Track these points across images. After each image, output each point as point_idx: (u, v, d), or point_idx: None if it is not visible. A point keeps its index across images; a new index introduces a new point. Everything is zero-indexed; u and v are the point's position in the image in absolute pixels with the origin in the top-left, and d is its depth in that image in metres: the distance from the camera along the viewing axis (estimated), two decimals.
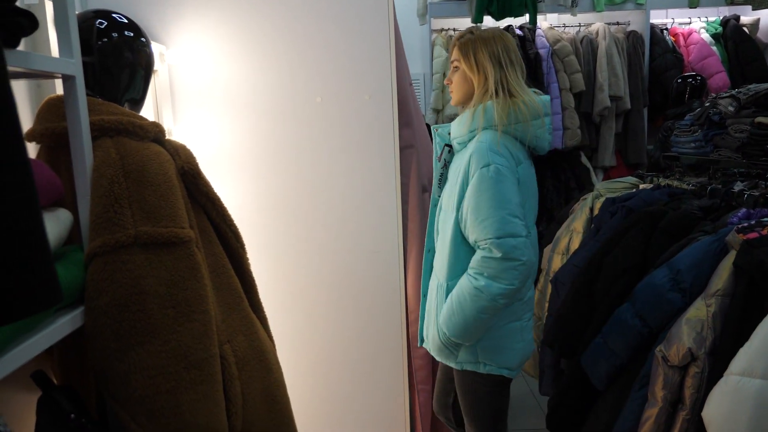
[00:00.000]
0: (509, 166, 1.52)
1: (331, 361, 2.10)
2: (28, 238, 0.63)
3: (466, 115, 1.59)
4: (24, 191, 0.62)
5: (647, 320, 1.68)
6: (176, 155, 1.18)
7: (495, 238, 1.46)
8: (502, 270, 1.46)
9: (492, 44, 1.57)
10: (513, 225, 1.47)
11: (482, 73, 1.56)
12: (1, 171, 0.60)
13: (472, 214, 1.50)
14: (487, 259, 1.47)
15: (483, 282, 1.47)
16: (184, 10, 1.93)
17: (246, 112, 1.98)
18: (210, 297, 1.10)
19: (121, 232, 1.01)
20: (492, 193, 1.47)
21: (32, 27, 0.84)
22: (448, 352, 1.64)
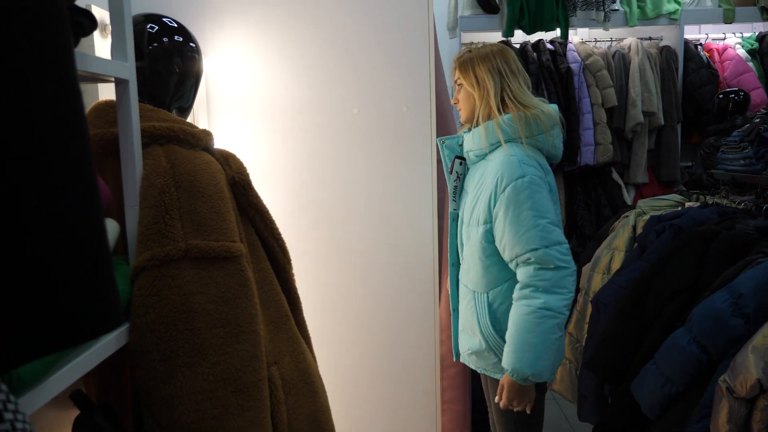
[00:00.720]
0: (541, 176, 1.51)
1: (362, 376, 2.03)
2: (95, 255, 0.57)
3: (479, 131, 1.57)
4: (91, 208, 0.56)
5: (706, 347, 1.58)
6: (226, 165, 1.13)
7: (543, 248, 1.44)
8: (558, 279, 1.44)
9: (490, 58, 1.57)
10: (556, 233, 1.46)
11: (483, 87, 1.56)
12: (70, 185, 0.54)
13: (512, 227, 1.46)
14: (540, 271, 1.44)
15: (544, 298, 1.42)
16: (222, 20, 1.90)
17: (282, 122, 1.94)
18: (259, 316, 1.04)
19: (170, 245, 0.95)
20: (530, 204, 1.45)
21: (92, 27, 0.79)
22: (497, 363, 1.58)
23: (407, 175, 1.98)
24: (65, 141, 0.53)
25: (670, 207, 2.30)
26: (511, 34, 3.60)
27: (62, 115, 0.52)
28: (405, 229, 1.99)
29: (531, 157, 1.52)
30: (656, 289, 1.87)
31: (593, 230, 3.78)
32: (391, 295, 2.01)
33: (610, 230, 2.46)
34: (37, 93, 0.49)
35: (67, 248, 0.53)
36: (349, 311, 2.01)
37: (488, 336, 1.57)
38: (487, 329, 1.57)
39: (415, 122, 1.97)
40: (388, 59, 1.94)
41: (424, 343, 2.04)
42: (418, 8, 1.92)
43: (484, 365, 1.64)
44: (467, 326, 1.65)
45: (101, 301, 0.56)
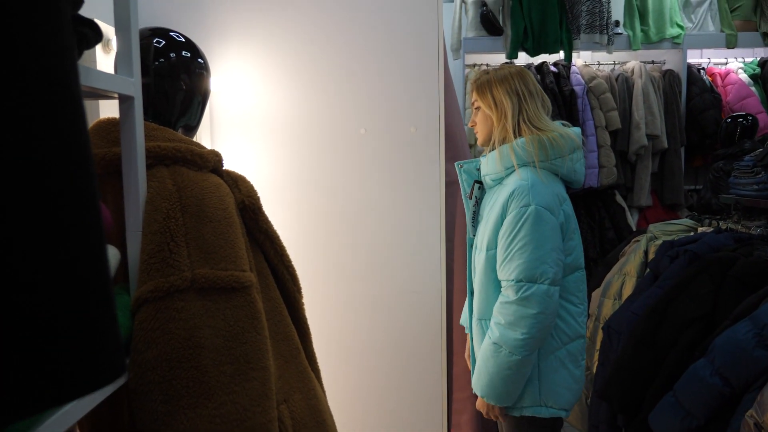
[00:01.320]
0: (551, 208, 1.45)
1: (368, 402, 1.95)
2: (95, 295, 0.50)
3: (494, 154, 1.54)
4: (93, 239, 0.49)
5: (729, 379, 1.52)
6: (236, 188, 1.06)
7: (515, 281, 1.41)
8: (518, 317, 1.40)
9: (508, 80, 1.54)
10: (543, 269, 1.41)
11: (501, 109, 1.53)
12: (69, 213, 0.48)
13: (502, 252, 1.44)
14: (503, 305, 1.43)
15: (498, 332, 1.42)
16: (227, 38, 1.86)
17: (287, 142, 1.89)
18: (270, 351, 0.97)
19: (176, 274, 0.89)
20: (525, 234, 1.41)
21: (96, 39, 0.73)
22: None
23: (415, 198, 1.92)
24: (66, 167, 0.46)
25: (682, 232, 2.25)
26: (515, 56, 3.58)
27: (63, 135, 0.46)
28: (413, 253, 1.93)
29: (545, 184, 1.47)
30: (672, 317, 1.81)
31: (597, 253, 3.72)
32: (398, 319, 1.95)
33: (620, 255, 2.41)
34: (35, 112, 0.43)
35: (66, 293, 0.46)
36: (356, 335, 1.94)
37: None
38: None
39: (423, 143, 1.93)
40: (397, 79, 1.89)
41: (430, 368, 1.97)
42: (427, 29, 1.88)
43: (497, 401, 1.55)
44: (481, 358, 1.58)
45: (102, 351, 0.49)
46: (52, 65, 0.47)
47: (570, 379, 1.56)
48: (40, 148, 0.44)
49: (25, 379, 0.43)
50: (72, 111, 0.48)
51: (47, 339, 0.46)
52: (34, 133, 0.44)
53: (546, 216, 1.43)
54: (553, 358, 1.53)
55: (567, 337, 1.55)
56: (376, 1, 1.87)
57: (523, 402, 1.52)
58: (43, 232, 0.44)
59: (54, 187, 0.45)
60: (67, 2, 0.49)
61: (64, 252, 0.47)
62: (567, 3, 3.62)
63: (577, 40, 3.63)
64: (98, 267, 0.51)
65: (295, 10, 1.86)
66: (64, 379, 0.47)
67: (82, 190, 0.48)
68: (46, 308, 0.45)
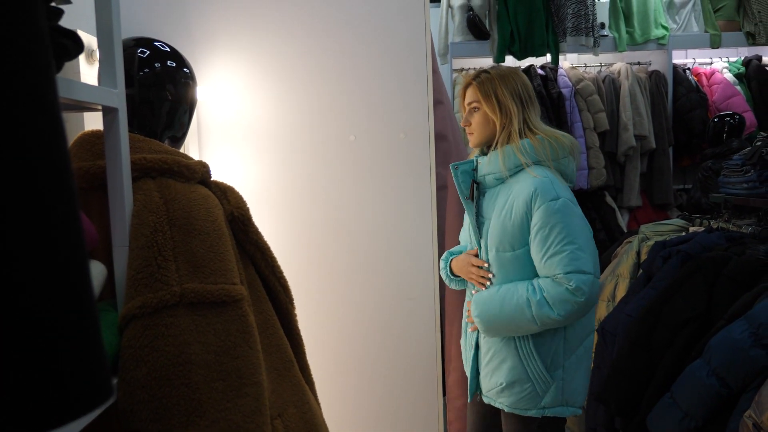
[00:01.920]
0: (573, 200, 1.50)
1: (364, 412, 1.93)
2: (79, 316, 0.48)
3: (497, 154, 1.53)
4: (75, 259, 0.47)
5: (726, 379, 1.51)
6: (224, 199, 1.04)
7: (563, 273, 1.40)
8: (563, 300, 1.40)
9: (512, 82, 1.54)
10: (582, 261, 1.42)
11: (506, 113, 1.52)
12: (49, 229, 0.45)
13: (541, 248, 1.44)
14: (554, 284, 1.42)
15: (537, 300, 1.41)
16: (214, 47, 1.84)
17: (276, 151, 1.87)
18: (262, 365, 0.94)
19: (164, 289, 0.86)
20: (561, 228, 1.42)
21: (77, 50, 0.71)
22: (534, 395, 1.49)
23: (407, 204, 1.91)
24: (44, 184, 0.44)
25: (673, 232, 2.26)
26: (502, 59, 3.59)
27: (41, 151, 0.44)
28: (406, 259, 1.92)
29: (560, 180, 1.51)
30: (667, 318, 1.81)
31: None
32: (391, 326, 1.93)
33: (612, 256, 2.41)
34: (11, 127, 0.41)
35: (46, 316, 0.44)
36: (350, 344, 1.91)
37: (528, 362, 1.50)
38: (529, 354, 1.49)
39: (413, 149, 1.91)
40: (385, 86, 1.88)
41: (426, 376, 1.95)
42: (414, 35, 1.88)
43: (516, 400, 1.52)
44: (498, 358, 1.54)
45: (87, 374, 0.47)
46: (29, 80, 0.45)
47: (586, 377, 1.57)
48: (16, 164, 0.42)
49: (6, 408, 0.41)
50: (50, 126, 0.46)
51: (28, 366, 0.44)
52: (9, 149, 0.42)
53: (574, 207, 1.47)
54: (575, 357, 1.52)
55: (584, 332, 1.55)
56: (363, 8, 1.86)
57: (545, 402, 1.50)
58: (19, 251, 0.42)
59: (31, 207, 0.43)
60: (44, 16, 0.47)
61: (42, 272, 0.45)
62: (552, 6, 3.63)
63: (563, 42, 3.65)
64: (80, 287, 0.49)
65: (281, 18, 1.85)
66: (47, 406, 0.45)
67: (61, 208, 0.46)
68: (25, 333, 0.43)
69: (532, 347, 1.48)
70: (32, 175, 0.44)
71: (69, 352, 0.46)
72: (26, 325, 0.43)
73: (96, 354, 0.49)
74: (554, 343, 1.49)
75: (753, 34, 3.77)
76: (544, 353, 1.49)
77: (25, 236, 0.43)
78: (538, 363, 1.48)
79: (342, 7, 1.86)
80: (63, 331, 0.46)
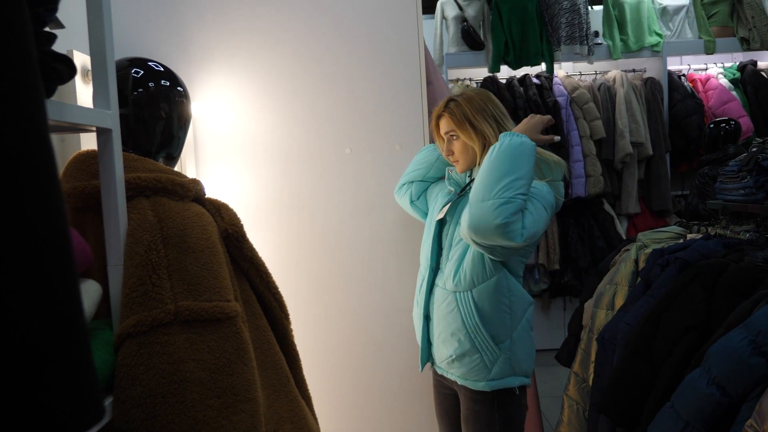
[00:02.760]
0: (555, 203, 1.55)
1: (361, 427, 1.91)
2: (68, 336, 0.48)
3: None
4: (65, 280, 0.48)
5: (726, 388, 1.50)
6: (218, 216, 1.05)
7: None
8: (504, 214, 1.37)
9: (481, 104, 1.55)
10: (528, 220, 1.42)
11: (482, 135, 1.54)
12: (38, 251, 0.46)
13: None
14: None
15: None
16: (210, 63, 1.85)
17: (273, 165, 1.88)
18: (257, 381, 0.94)
19: (159, 307, 0.86)
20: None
21: (70, 74, 0.72)
22: (482, 366, 1.52)
23: (402, 215, 1.91)
24: (35, 210, 0.44)
25: (671, 239, 2.26)
26: (497, 69, 3.62)
27: (30, 178, 0.44)
28: (403, 271, 1.91)
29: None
30: (666, 326, 1.81)
31: (588, 262, 3.73)
32: (389, 339, 1.92)
33: (611, 264, 2.41)
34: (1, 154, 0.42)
35: (36, 340, 0.44)
36: (346, 358, 1.91)
37: (475, 335, 1.52)
38: (475, 328, 1.51)
39: (408, 160, 1.92)
40: (379, 98, 1.89)
41: (424, 387, 1.94)
42: (407, 47, 1.89)
43: (466, 371, 1.55)
44: (447, 330, 1.57)
45: (79, 396, 0.47)
46: (18, 107, 0.45)
47: (532, 346, 1.61)
48: (4, 190, 0.42)
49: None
50: (39, 153, 0.47)
51: (18, 390, 0.44)
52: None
53: (548, 197, 1.49)
54: (521, 328, 1.56)
55: (525, 303, 1.58)
56: (356, 22, 1.88)
57: (494, 374, 1.52)
58: (7, 277, 0.42)
59: (20, 233, 0.43)
60: (34, 44, 0.47)
61: (32, 296, 0.46)
62: (546, 16, 3.66)
63: (557, 51, 3.68)
64: (70, 309, 0.50)
65: (275, 33, 1.86)
66: (38, 429, 0.45)
67: (50, 233, 0.46)
68: (14, 357, 0.43)
69: (477, 320, 1.49)
70: (22, 200, 0.44)
71: (58, 375, 0.46)
72: (14, 349, 0.44)
73: (86, 375, 0.49)
74: (500, 316, 1.52)
75: (747, 39, 3.80)
76: (490, 326, 1.51)
77: (14, 262, 0.44)
78: (485, 335, 1.50)
79: (335, 21, 1.87)
80: (52, 354, 0.46)
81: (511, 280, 1.55)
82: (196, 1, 1.85)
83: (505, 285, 1.53)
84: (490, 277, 1.51)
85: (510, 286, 1.54)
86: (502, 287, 1.52)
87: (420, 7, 1.91)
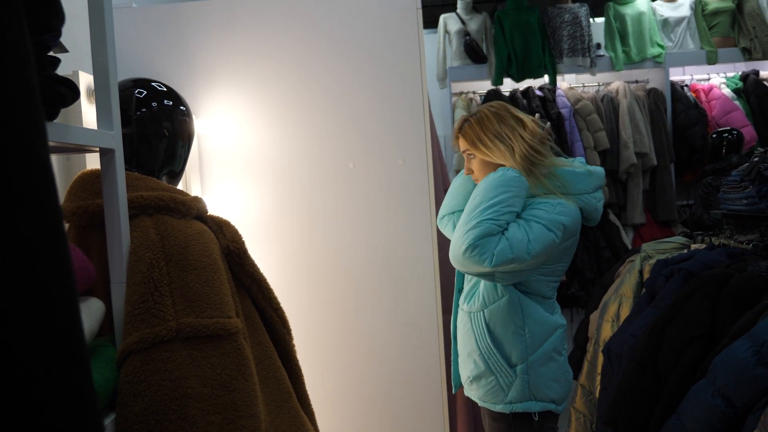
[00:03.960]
0: (570, 229, 1.49)
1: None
2: (67, 355, 0.49)
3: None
4: (65, 300, 0.49)
5: (731, 399, 1.49)
6: (220, 233, 1.06)
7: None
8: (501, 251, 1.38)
9: (492, 124, 1.55)
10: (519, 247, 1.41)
11: (499, 153, 1.54)
12: (39, 271, 0.47)
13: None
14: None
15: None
16: (214, 79, 1.88)
17: (277, 180, 1.90)
18: (259, 397, 0.95)
19: (160, 324, 0.88)
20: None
21: (73, 97, 0.74)
22: (498, 389, 1.51)
23: (407, 229, 1.92)
24: (34, 236, 0.46)
25: (675, 249, 2.25)
26: (500, 82, 3.64)
27: (30, 204, 0.46)
28: (407, 284, 1.92)
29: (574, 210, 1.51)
30: (671, 338, 1.80)
31: (594, 273, 3.71)
32: (393, 352, 1.92)
33: (615, 276, 2.40)
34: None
35: (33, 359, 0.45)
36: (351, 371, 1.91)
37: (489, 357, 1.51)
38: (488, 350, 1.51)
39: (412, 174, 1.93)
40: (382, 112, 1.91)
41: (431, 405, 1.94)
42: (409, 61, 1.91)
43: (483, 393, 1.55)
44: (465, 351, 1.59)
45: (79, 416, 0.48)
46: (18, 133, 0.47)
47: (559, 372, 1.57)
48: (4, 217, 0.44)
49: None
50: (40, 178, 0.48)
51: (18, 408, 0.45)
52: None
53: (559, 216, 1.45)
54: (541, 352, 1.53)
55: (547, 328, 1.55)
56: (357, 39, 1.90)
57: (511, 397, 1.51)
58: (7, 302, 0.43)
59: (20, 260, 0.44)
60: (35, 70, 0.49)
61: (33, 316, 0.47)
62: (548, 29, 3.69)
63: (560, 63, 3.69)
64: (70, 326, 0.51)
65: (278, 50, 1.89)
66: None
67: (52, 257, 0.47)
68: (14, 375, 0.44)
69: (489, 341, 1.49)
70: (21, 227, 0.46)
71: (56, 393, 0.47)
72: (12, 368, 0.45)
73: (85, 394, 0.50)
74: (514, 338, 1.50)
75: (749, 49, 3.80)
76: (503, 348, 1.50)
77: (14, 287, 0.45)
78: (497, 357, 1.49)
79: (336, 38, 1.90)
80: (50, 373, 0.47)
81: (526, 301, 1.52)
82: (200, 22, 1.88)
83: (517, 306, 1.50)
84: (501, 297, 1.50)
85: (524, 307, 1.51)
86: (515, 308, 1.50)
87: (421, 23, 1.94)
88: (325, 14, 1.90)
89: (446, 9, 4.01)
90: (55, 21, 0.66)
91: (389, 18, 1.90)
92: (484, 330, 1.51)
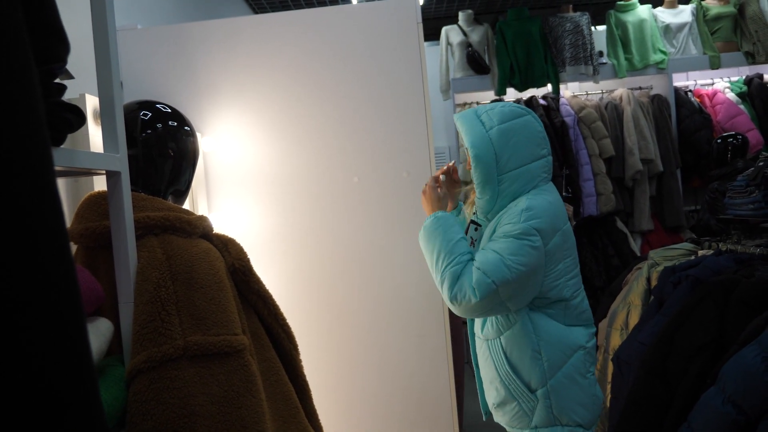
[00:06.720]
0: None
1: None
2: (76, 375, 0.50)
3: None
4: (73, 320, 0.50)
5: (742, 406, 1.48)
6: (226, 251, 1.08)
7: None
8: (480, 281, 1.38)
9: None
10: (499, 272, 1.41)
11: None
12: (45, 292, 0.48)
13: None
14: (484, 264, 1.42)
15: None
16: (219, 98, 1.91)
17: (283, 197, 1.91)
18: (266, 413, 0.96)
19: (168, 343, 0.89)
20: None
21: (80, 122, 0.76)
22: (522, 414, 1.49)
23: (413, 241, 1.93)
24: (41, 263, 0.47)
25: (682, 256, 2.24)
26: (503, 92, 3.66)
27: (37, 230, 0.47)
28: (414, 297, 1.92)
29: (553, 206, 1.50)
30: (680, 345, 1.79)
31: (603, 281, 3.70)
32: (404, 367, 1.92)
33: (623, 284, 2.39)
34: (6, 207, 0.45)
35: (45, 380, 0.46)
36: (359, 386, 1.91)
37: (509, 383, 1.49)
38: (507, 376, 1.49)
39: (417, 187, 1.94)
40: (385, 126, 1.93)
41: (440, 414, 1.93)
42: (411, 75, 1.93)
43: (509, 418, 1.54)
44: (487, 378, 1.58)
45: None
46: (25, 160, 0.48)
47: (584, 394, 1.52)
48: (11, 243, 0.45)
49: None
50: (48, 206, 0.50)
51: (29, 428, 0.46)
52: (7, 224, 0.46)
53: (519, 226, 1.42)
54: (561, 375, 1.50)
55: (566, 350, 1.51)
56: (360, 54, 1.93)
57: (536, 422, 1.49)
58: (17, 322, 0.45)
59: (28, 281, 0.46)
60: (41, 100, 0.51)
61: (41, 337, 0.48)
62: (550, 38, 3.71)
63: (563, 72, 3.71)
64: (79, 346, 0.52)
65: (282, 66, 1.92)
66: None
67: (59, 280, 0.49)
68: (23, 396, 0.45)
69: (508, 368, 1.48)
70: (30, 249, 0.47)
71: (66, 413, 0.48)
72: (20, 388, 0.46)
73: (94, 413, 0.51)
74: (531, 363, 1.48)
75: (752, 53, 3.80)
76: (522, 374, 1.48)
77: (23, 306, 0.46)
78: (518, 383, 1.47)
79: (339, 52, 1.92)
80: (59, 393, 0.48)
81: (540, 323, 1.49)
82: (204, 41, 1.92)
83: (530, 330, 1.47)
84: (514, 323, 1.48)
85: (538, 330, 1.48)
86: (528, 332, 1.47)
87: (422, 36, 1.96)
88: (327, 30, 1.92)
89: (448, 21, 4.05)
90: (61, 51, 0.69)
91: (391, 33, 1.93)
92: (502, 357, 1.50)
